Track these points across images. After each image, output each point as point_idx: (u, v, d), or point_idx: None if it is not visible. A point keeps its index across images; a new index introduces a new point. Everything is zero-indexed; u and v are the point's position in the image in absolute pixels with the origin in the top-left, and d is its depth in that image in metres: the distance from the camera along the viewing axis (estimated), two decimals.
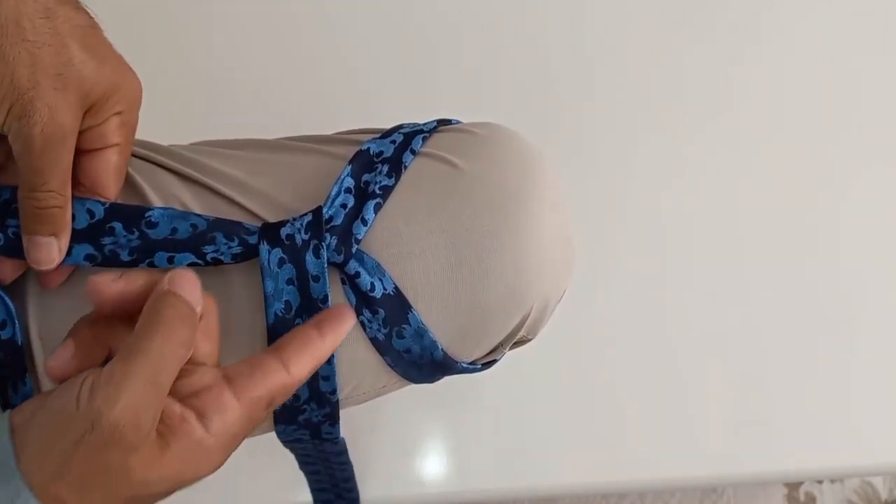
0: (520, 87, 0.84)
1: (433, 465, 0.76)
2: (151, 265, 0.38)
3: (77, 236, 0.38)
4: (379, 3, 0.83)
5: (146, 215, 0.38)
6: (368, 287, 0.38)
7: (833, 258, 0.84)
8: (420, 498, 0.76)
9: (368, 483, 0.75)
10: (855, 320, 0.84)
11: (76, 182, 0.38)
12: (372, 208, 0.40)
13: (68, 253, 0.38)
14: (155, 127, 0.48)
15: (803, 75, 0.88)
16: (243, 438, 0.34)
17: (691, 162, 0.84)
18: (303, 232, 0.38)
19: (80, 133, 0.36)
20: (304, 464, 0.52)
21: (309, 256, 0.38)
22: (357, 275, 0.38)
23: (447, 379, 0.47)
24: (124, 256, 0.38)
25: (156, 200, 0.43)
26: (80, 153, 0.37)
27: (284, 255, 0.38)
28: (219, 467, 0.33)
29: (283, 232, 0.39)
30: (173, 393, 0.32)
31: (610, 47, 0.86)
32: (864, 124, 0.88)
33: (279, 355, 0.34)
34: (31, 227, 0.37)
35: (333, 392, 0.42)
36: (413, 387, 0.47)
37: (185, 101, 0.76)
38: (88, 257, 0.38)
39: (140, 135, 0.48)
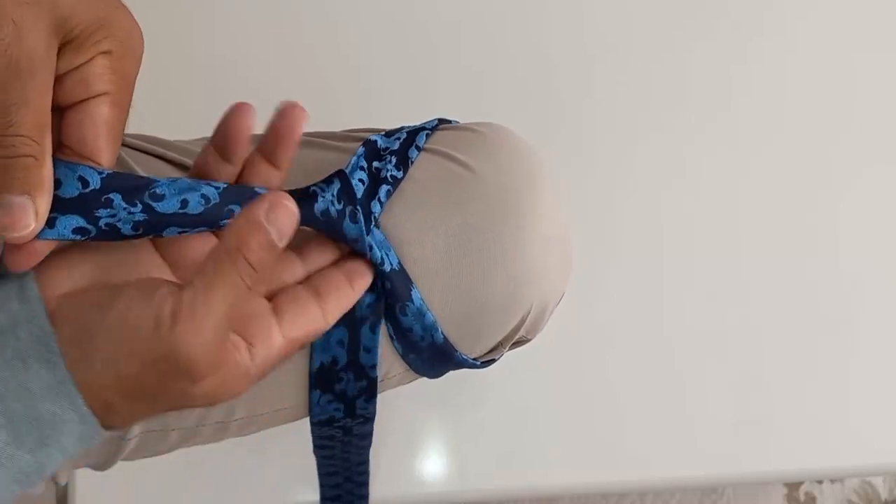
0: (520, 86, 0.84)
1: (433, 465, 0.76)
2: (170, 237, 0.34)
3: (64, 206, 0.31)
4: (380, 3, 0.83)
5: (151, 187, 0.33)
6: (379, 261, 0.38)
7: (833, 258, 0.84)
8: (420, 498, 0.76)
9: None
10: (855, 320, 0.84)
11: (59, 144, 0.31)
12: (384, 192, 0.40)
13: (50, 224, 0.30)
14: (157, 124, 0.48)
15: (803, 75, 0.88)
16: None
17: (691, 162, 0.84)
18: (336, 202, 0.36)
19: (59, 78, 0.30)
20: (326, 474, 0.52)
21: (347, 224, 0.37)
22: (371, 247, 0.38)
23: (448, 378, 0.47)
24: (127, 230, 0.32)
25: None
26: (62, 108, 0.31)
27: (322, 230, 0.37)
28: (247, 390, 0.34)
29: (318, 208, 0.36)
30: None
31: (610, 47, 0.86)
32: (864, 124, 0.88)
33: (321, 303, 0.35)
34: None
35: (374, 367, 0.42)
36: (413, 386, 0.47)
37: (188, 98, 0.76)
38: (79, 230, 0.31)
39: (142, 132, 0.48)
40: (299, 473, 0.75)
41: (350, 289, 0.37)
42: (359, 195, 0.39)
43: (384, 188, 0.40)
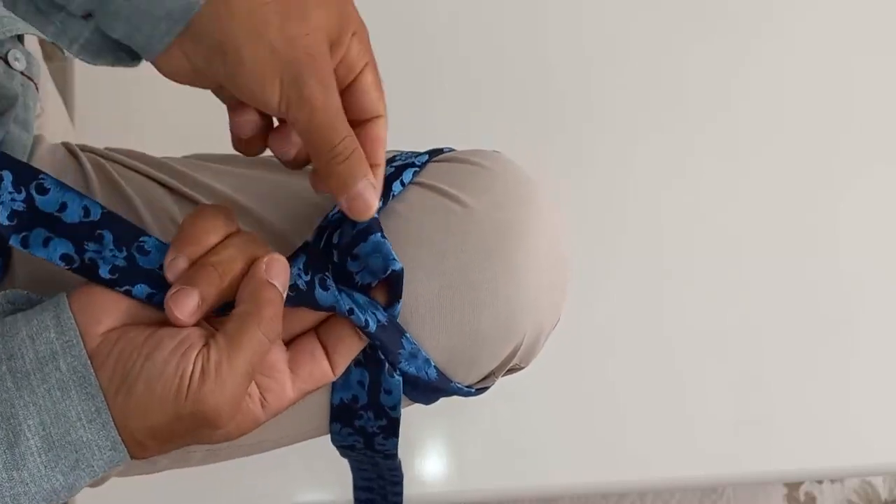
0: (520, 87, 0.84)
1: (433, 465, 0.76)
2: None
3: (63, 230, 0.34)
4: (378, 8, 0.83)
5: (141, 239, 0.35)
6: (363, 323, 0.37)
7: (833, 258, 0.84)
8: (420, 498, 0.76)
9: None
10: (855, 320, 0.84)
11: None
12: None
13: (45, 244, 0.34)
14: (151, 138, 0.49)
15: (803, 75, 0.88)
16: None
17: (691, 162, 0.84)
18: (303, 274, 0.37)
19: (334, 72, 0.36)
20: (357, 469, 0.52)
21: (318, 293, 0.37)
22: (351, 311, 0.37)
23: None
24: (104, 272, 0.34)
25: (146, 213, 0.43)
26: (341, 94, 0.36)
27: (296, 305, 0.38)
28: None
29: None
30: None
31: (609, 48, 0.86)
32: (864, 124, 0.88)
33: (331, 357, 0.38)
34: (343, 183, 0.35)
35: (394, 407, 0.42)
36: None
37: (182, 112, 0.76)
38: (64, 258, 0.34)
39: (136, 146, 0.49)
40: (299, 473, 0.75)
41: (357, 338, 0.38)
42: (337, 241, 0.39)
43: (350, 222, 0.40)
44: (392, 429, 0.44)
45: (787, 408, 0.82)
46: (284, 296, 0.35)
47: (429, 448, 0.76)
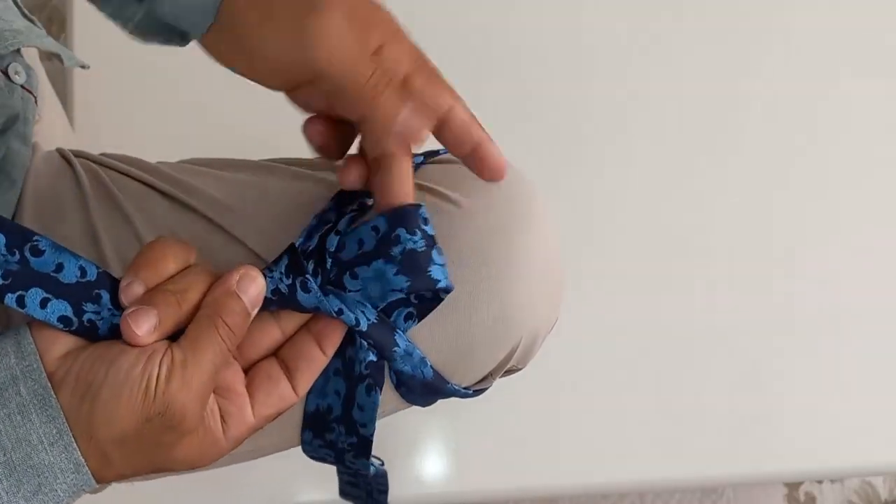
0: (519, 89, 0.84)
1: (433, 465, 0.76)
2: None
3: (59, 290, 0.33)
4: None
5: (34, 239, 0.33)
6: (353, 322, 0.37)
7: (833, 258, 0.84)
8: (420, 498, 0.76)
9: None
10: (855, 320, 0.84)
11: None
12: (346, 220, 0.40)
13: (42, 304, 0.33)
14: (150, 141, 0.49)
15: (803, 77, 0.88)
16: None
17: (691, 162, 0.84)
18: (284, 278, 0.37)
19: None
20: (341, 472, 0.52)
21: (300, 295, 0.36)
22: (340, 311, 0.37)
23: None
24: (104, 330, 0.34)
25: (138, 220, 0.43)
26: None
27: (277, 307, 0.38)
28: (215, 461, 0.36)
29: (268, 288, 0.37)
30: None
31: (609, 49, 0.86)
32: (864, 127, 0.88)
33: (291, 378, 0.37)
34: (386, 119, 0.36)
35: (366, 425, 0.42)
36: None
37: (180, 116, 0.77)
38: (63, 319, 0.33)
39: (129, 150, 0.49)
40: (299, 473, 0.75)
41: (320, 353, 0.38)
42: (314, 245, 0.39)
43: (347, 217, 0.40)
44: (362, 448, 0.43)
45: (786, 408, 0.81)
46: (253, 314, 0.35)
47: (429, 448, 0.76)
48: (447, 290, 0.38)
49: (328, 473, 0.76)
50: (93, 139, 0.50)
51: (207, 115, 0.76)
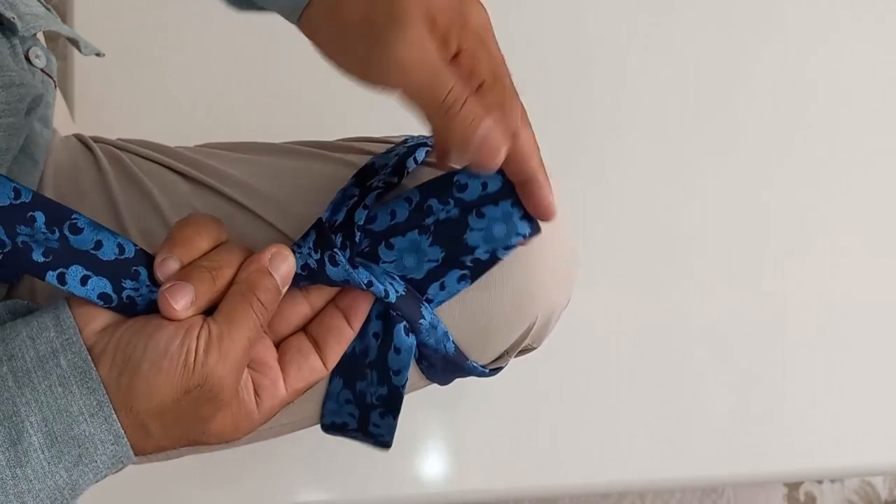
0: (519, 87, 0.84)
1: (433, 465, 0.76)
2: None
3: (99, 267, 0.34)
4: None
5: (73, 216, 0.34)
6: (382, 294, 0.38)
7: (833, 258, 0.84)
8: (420, 498, 0.76)
9: (368, 483, 0.75)
10: (855, 320, 0.84)
11: None
12: (374, 196, 0.40)
13: (83, 282, 0.34)
14: (163, 128, 0.49)
15: (802, 77, 0.88)
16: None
17: (692, 163, 0.84)
18: (313, 252, 0.37)
19: None
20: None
21: (329, 269, 0.37)
22: (370, 283, 0.38)
23: None
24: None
25: (163, 202, 0.43)
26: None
27: (306, 282, 0.38)
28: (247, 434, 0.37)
29: (298, 264, 0.38)
30: None
31: (610, 48, 0.86)
32: (865, 126, 0.88)
33: (322, 352, 0.38)
34: (464, 134, 0.34)
35: (399, 372, 0.42)
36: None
37: (192, 102, 0.76)
38: (103, 296, 0.34)
39: (148, 135, 0.49)
40: (299, 473, 0.75)
41: (348, 327, 0.39)
42: (341, 218, 0.39)
43: (373, 193, 0.40)
44: (392, 402, 0.43)
45: (786, 408, 0.82)
46: (284, 290, 0.36)
47: (429, 448, 0.76)
48: (493, 253, 0.38)
49: (328, 473, 0.76)
50: (91, 132, 0.50)
51: (209, 107, 0.76)
